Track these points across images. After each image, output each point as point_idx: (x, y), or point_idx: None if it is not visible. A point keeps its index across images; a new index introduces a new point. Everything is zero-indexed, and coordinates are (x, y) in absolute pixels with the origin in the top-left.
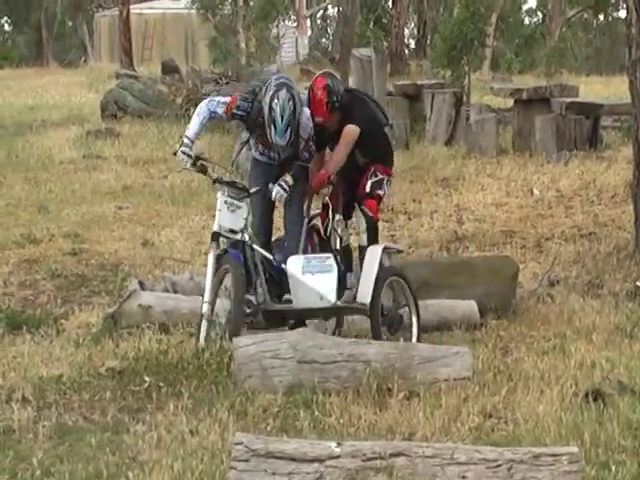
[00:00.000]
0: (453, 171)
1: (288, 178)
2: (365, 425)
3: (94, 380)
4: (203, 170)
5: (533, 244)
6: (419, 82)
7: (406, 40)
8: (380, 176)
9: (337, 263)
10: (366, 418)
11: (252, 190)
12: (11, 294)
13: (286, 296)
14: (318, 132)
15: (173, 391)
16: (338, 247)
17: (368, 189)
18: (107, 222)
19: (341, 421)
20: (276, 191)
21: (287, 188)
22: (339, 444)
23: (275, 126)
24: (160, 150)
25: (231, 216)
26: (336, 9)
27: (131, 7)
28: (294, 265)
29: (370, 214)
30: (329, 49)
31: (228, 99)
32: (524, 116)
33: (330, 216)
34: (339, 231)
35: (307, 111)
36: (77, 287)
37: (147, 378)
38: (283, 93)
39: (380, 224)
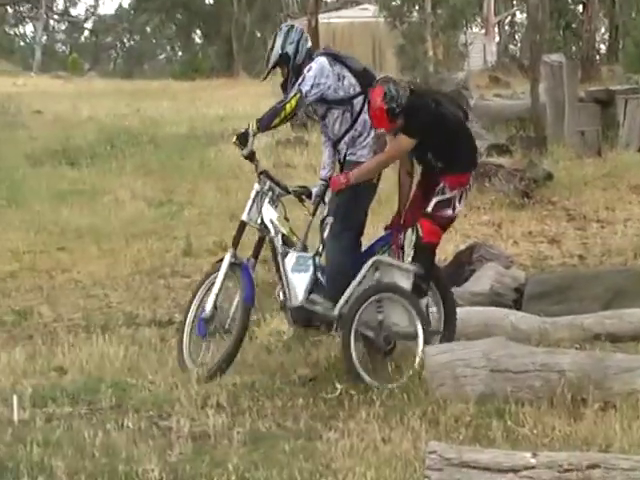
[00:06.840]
0: None
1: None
2: (559, 436)
3: (286, 387)
4: (251, 158)
5: None
6: (611, 87)
7: (597, 45)
8: (449, 194)
9: (314, 265)
10: (560, 429)
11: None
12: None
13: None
14: None
15: (365, 399)
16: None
17: (430, 208)
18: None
19: (534, 431)
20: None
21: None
22: (534, 455)
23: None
24: None
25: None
26: (525, 15)
27: (319, 16)
28: (289, 261)
29: (420, 234)
30: (517, 55)
31: None
32: None
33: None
34: (405, 247)
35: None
36: (268, 295)
37: (339, 385)
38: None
39: (572, 232)
